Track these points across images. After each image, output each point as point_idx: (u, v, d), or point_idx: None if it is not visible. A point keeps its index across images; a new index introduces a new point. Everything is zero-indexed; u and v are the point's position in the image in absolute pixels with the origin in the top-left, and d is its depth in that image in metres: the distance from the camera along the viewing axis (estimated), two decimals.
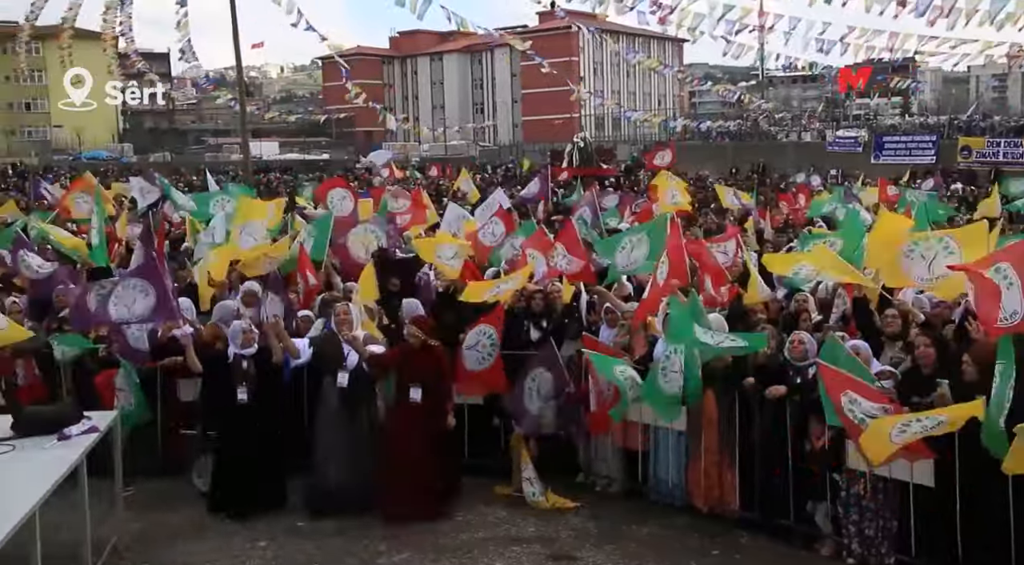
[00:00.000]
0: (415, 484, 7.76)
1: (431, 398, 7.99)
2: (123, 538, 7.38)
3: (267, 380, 8.14)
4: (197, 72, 45.05)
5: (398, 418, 8.09)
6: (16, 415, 6.73)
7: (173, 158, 66.81)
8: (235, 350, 8.13)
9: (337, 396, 8.07)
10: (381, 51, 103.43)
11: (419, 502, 7.77)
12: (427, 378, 7.99)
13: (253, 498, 7.99)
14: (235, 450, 8.03)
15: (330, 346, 8.20)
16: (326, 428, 8.12)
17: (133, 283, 8.35)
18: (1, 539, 4.84)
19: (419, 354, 8.02)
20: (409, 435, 7.86)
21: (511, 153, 66.83)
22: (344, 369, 8.05)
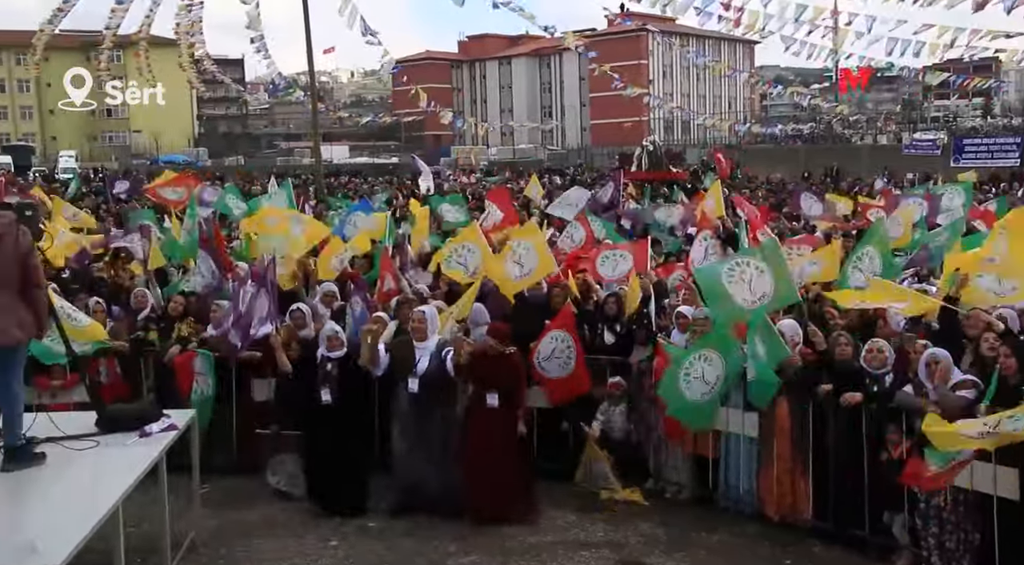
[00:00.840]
0: (497, 486, 7.80)
1: (507, 403, 7.99)
2: (200, 533, 7.52)
3: (350, 383, 8.20)
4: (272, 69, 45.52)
5: (475, 423, 8.07)
6: (100, 412, 6.89)
7: (246, 162, 68.02)
8: (322, 352, 8.26)
9: (408, 401, 8.11)
10: (450, 55, 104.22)
11: (502, 503, 7.83)
12: (504, 384, 7.99)
13: (336, 498, 8.09)
14: (318, 451, 8.17)
15: (403, 351, 8.22)
16: (399, 432, 8.19)
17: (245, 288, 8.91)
18: (88, 531, 4.96)
19: (496, 359, 8.01)
20: (487, 439, 7.89)
21: (579, 157, 66.81)
22: (414, 375, 8.06)
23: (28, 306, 5.86)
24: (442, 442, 8.04)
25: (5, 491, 5.68)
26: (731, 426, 8.09)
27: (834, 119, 51.85)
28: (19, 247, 5.83)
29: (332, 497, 8.12)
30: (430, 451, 8.00)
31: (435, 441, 8.02)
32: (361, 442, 8.31)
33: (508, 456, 7.92)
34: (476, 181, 37.42)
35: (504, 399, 7.97)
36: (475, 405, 8.09)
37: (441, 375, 8.05)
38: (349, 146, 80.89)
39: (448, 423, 8.15)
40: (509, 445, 7.97)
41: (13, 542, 4.84)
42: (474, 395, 8.12)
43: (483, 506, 7.84)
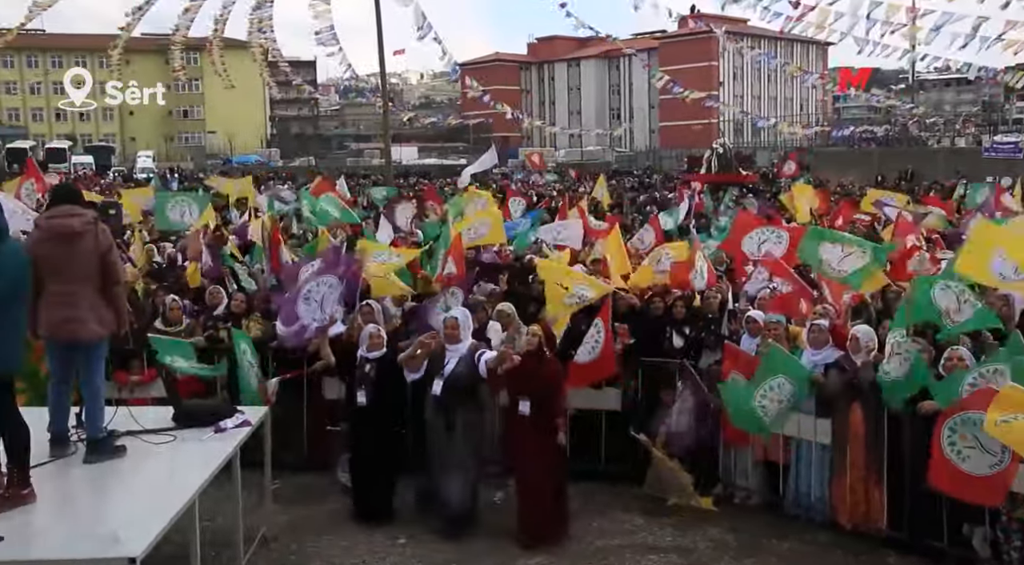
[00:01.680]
0: (528, 502, 7.62)
1: (542, 411, 7.61)
2: (271, 529, 7.65)
3: (388, 385, 8.06)
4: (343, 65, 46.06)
5: (511, 431, 7.86)
6: (177, 407, 7.06)
7: (317, 163, 68.98)
8: (362, 352, 8.19)
9: (432, 405, 7.88)
10: (519, 57, 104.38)
11: (535, 518, 7.59)
12: (538, 390, 7.62)
13: (367, 501, 8.08)
14: (356, 451, 8.19)
15: (436, 354, 8.00)
16: (427, 435, 7.99)
17: (321, 280, 8.83)
18: (167, 523, 5.08)
19: (531, 365, 7.69)
20: (519, 449, 7.69)
21: (647, 159, 66.42)
22: (440, 376, 7.82)
23: (108, 303, 6.03)
24: (463, 448, 7.76)
25: (88, 482, 5.86)
26: (802, 432, 7.96)
27: (910, 121, 50.71)
28: (100, 245, 5.99)
29: (364, 499, 8.09)
30: (451, 457, 7.73)
31: (456, 446, 7.74)
32: (396, 445, 8.15)
33: (542, 468, 7.57)
34: (544, 183, 37.37)
35: (538, 407, 7.60)
36: (510, 411, 7.82)
37: (467, 379, 7.77)
38: (418, 147, 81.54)
39: (472, 428, 7.85)
40: (543, 456, 7.58)
41: (96, 532, 4.99)
42: (510, 400, 7.84)
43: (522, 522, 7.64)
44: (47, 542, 5.07)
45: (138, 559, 4.64)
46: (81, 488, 5.85)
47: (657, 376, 8.84)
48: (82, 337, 5.97)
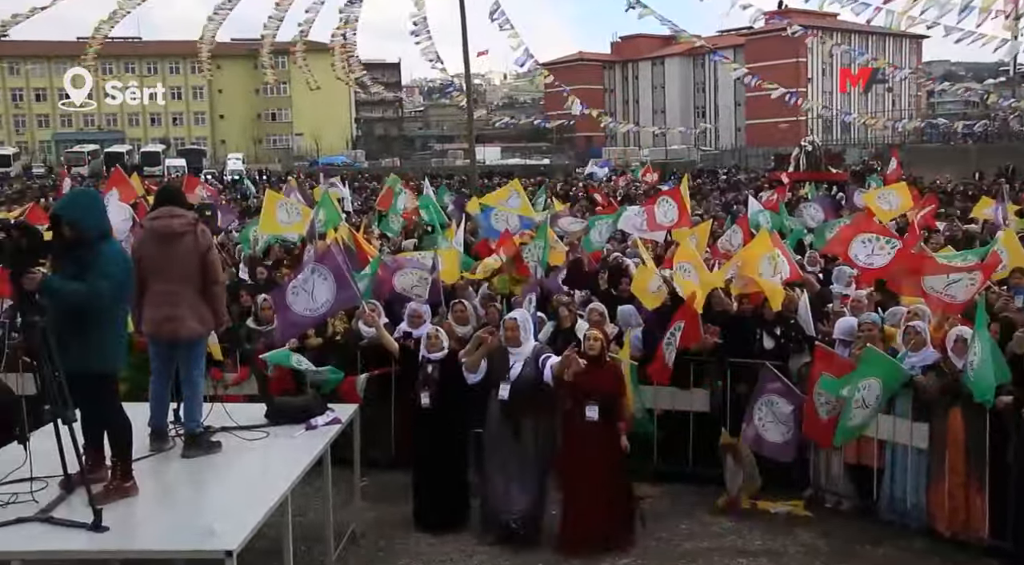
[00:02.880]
0: (591, 511, 7.38)
1: (607, 417, 7.43)
2: (360, 526, 7.74)
3: (451, 386, 7.93)
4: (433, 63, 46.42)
5: (571, 436, 7.56)
6: (269, 404, 7.20)
7: (401, 163, 69.80)
8: (423, 353, 8.09)
9: (498, 409, 7.69)
10: (603, 56, 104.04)
11: (598, 527, 7.40)
12: (604, 395, 7.42)
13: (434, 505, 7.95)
14: (419, 453, 8.11)
15: (498, 357, 7.81)
16: (490, 441, 7.80)
17: (312, 269, 8.84)
18: (261, 517, 5.18)
19: (596, 370, 7.49)
20: (585, 456, 7.41)
21: (733, 157, 65.52)
22: (507, 381, 7.62)
23: (207, 302, 6.18)
24: (531, 455, 7.58)
25: (186, 476, 6.02)
26: (897, 436, 7.73)
27: (1010, 116, 48.84)
28: (199, 245, 6.15)
29: (430, 503, 7.96)
30: (518, 464, 7.56)
31: (523, 453, 7.56)
32: (458, 448, 8.06)
33: (607, 474, 7.41)
34: (628, 183, 37.12)
35: (604, 411, 7.39)
36: (571, 417, 7.51)
37: (535, 383, 7.52)
38: (501, 148, 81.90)
39: (540, 434, 7.64)
40: (609, 462, 7.44)
41: (194, 525, 5.12)
42: (571, 406, 7.51)
43: (576, 529, 7.41)
44: (148, 533, 5.23)
45: (234, 552, 4.73)
46: (179, 481, 6.00)
47: (746, 378, 8.68)
48: (182, 335, 6.14)
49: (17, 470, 5.32)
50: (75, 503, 5.24)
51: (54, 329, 5.15)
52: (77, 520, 5.01)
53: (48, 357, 5.08)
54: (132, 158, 70.75)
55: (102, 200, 6.07)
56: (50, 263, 5.42)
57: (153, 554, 5.18)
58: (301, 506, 7.06)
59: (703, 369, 8.84)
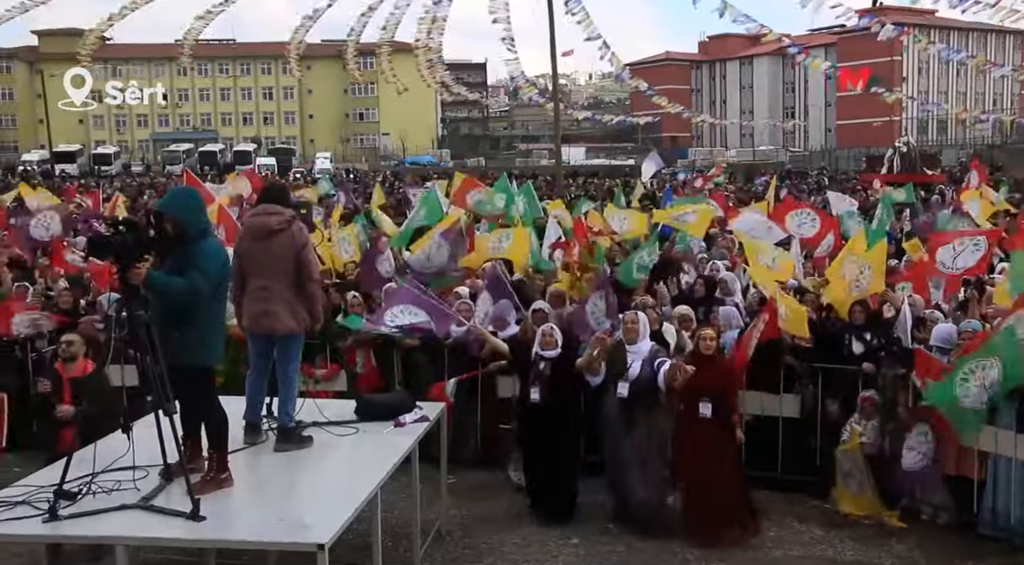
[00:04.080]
0: (712, 503, 7.46)
1: (721, 412, 7.61)
2: (446, 523, 7.79)
3: (562, 383, 8.04)
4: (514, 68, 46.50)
5: (687, 433, 7.69)
6: (359, 401, 7.29)
7: (486, 163, 70.14)
8: (536, 350, 8.18)
9: (617, 406, 7.84)
10: (690, 56, 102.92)
11: (718, 522, 7.47)
12: (717, 391, 7.59)
13: (545, 499, 8.09)
14: (532, 449, 8.19)
15: (616, 354, 7.97)
16: (610, 438, 7.96)
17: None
18: (352, 512, 5.25)
19: (708, 366, 7.64)
20: (701, 452, 7.51)
21: (822, 158, 64.20)
22: (625, 379, 7.78)
23: (303, 299, 6.27)
24: (651, 450, 7.72)
25: (278, 469, 6.12)
26: (1000, 448, 7.46)
27: None
28: (295, 242, 6.25)
29: (542, 498, 8.09)
30: (638, 461, 7.69)
31: (644, 449, 7.71)
32: (569, 444, 8.13)
33: (724, 469, 7.53)
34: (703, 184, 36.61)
35: (716, 408, 7.54)
36: (686, 414, 7.69)
37: (651, 381, 7.74)
38: (586, 148, 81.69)
39: (659, 431, 7.80)
40: (725, 457, 7.58)
41: (287, 517, 5.21)
42: (685, 403, 7.71)
43: (697, 525, 7.53)
44: (243, 525, 5.34)
45: (326, 545, 4.79)
46: (272, 474, 6.10)
47: (837, 383, 8.51)
48: (277, 330, 6.25)
49: (121, 458, 5.47)
50: (174, 492, 5.38)
51: (156, 322, 5.31)
52: (176, 509, 5.14)
53: (151, 349, 5.23)
54: (225, 157, 72.72)
55: (201, 197, 6.22)
56: (153, 258, 5.57)
57: (248, 545, 5.31)
58: (387, 502, 7.10)
59: (793, 374, 8.68)
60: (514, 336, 9.15)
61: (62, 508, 5.12)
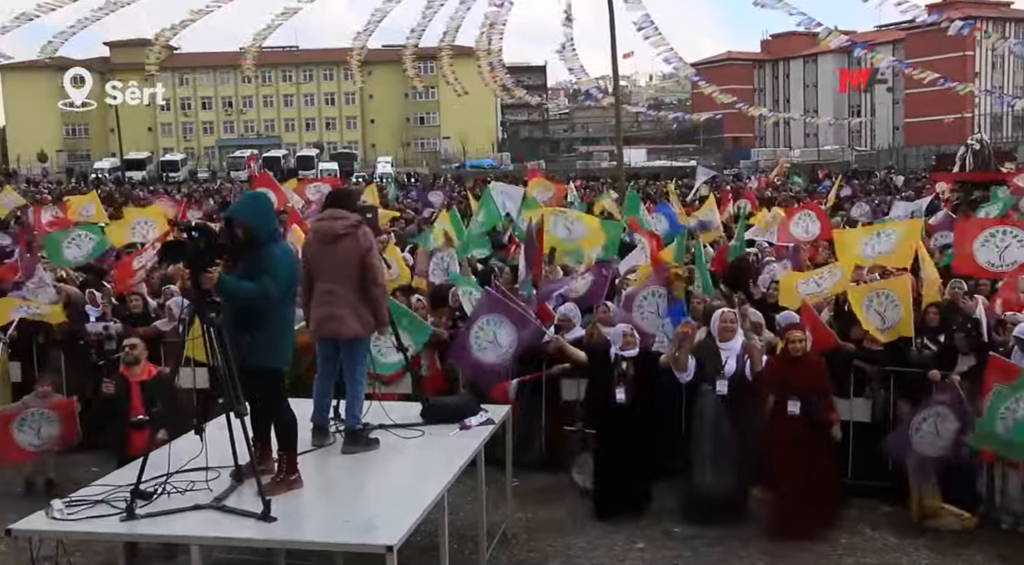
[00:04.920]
0: (801, 501, 7.44)
1: (811, 411, 7.59)
2: (511, 526, 7.79)
3: (647, 383, 8.12)
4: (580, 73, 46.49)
5: (777, 432, 7.73)
6: (425, 404, 7.33)
7: (547, 165, 70.12)
8: (616, 351, 8.19)
9: (714, 404, 7.88)
10: (752, 55, 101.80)
11: (806, 519, 7.47)
12: (806, 390, 7.61)
13: (624, 499, 8.08)
14: (611, 450, 8.15)
15: (708, 352, 8.04)
16: (702, 436, 7.95)
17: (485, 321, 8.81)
18: (420, 514, 5.29)
19: (797, 365, 7.68)
20: (790, 450, 7.51)
21: (890, 157, 62.99)
22: (723, 377, 7.85)
23: (368, 302, 6.33)
24: (743, 449, 7.76)
25: (346, 471, 6.18)
26: None
27: None
28: (359, 247, 6.30)
29: (615, 499, 8.07)
30: (731, 459, 7.74)
31: (737, 448, 7.76)
32: (651, 445, 8.14)
33: (812, 467, 7.50)
34: (781, 184, 36.17)
35: (808, 406, 7.57)
36: (777, 412, 7.75)
37: (746, 376, 7.84)
38: (646, 149, 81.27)
39: (754, 429, 7.86)
40: (815, 455, 7.56)
41: (355, 519, 5.26)
42: (775, 401, 7.79)
43: (785, 521, 7.51)
44: (313, 526, 5.40)
45: (395, 547, 4.83)
46: (340, 476, 6.16)
47: (905, 387, 8.33)
48: (343, 334, 6.32)
49: (194, 459, 5.58)
50: (245, 493, 5.47)
51: (227, 326, 5.40)
52: (248, 510, 5.22)
53: (222, 352, 5.32)
54: (288, 162, 73.85)
55: (272, 203, 6.31)
56: (224, 262, 5.67)
57: (318, 546, 5.38)
58: (453, 505, 7.11)
59: (864, 377, 8.53)
60: (581, 338, 9.13)
61: (139, 507, 5.24)
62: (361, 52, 45.94)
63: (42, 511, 5.36)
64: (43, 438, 8.56)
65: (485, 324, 8.79)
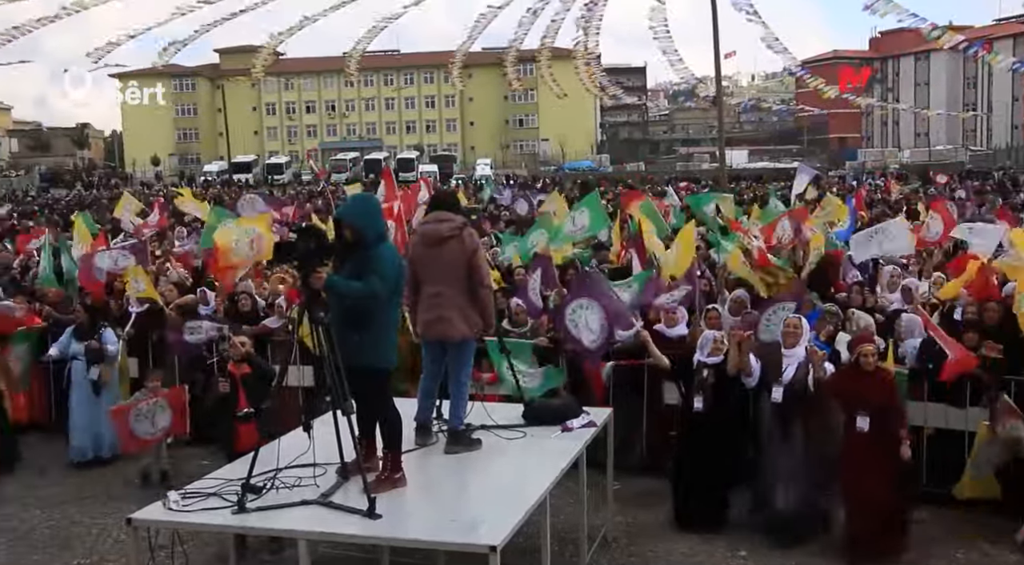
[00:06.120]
0: (873, 518, 7.13)
1: (881, 426, 7.20)
2: (611, 530, 7.75)
3: (728, 391, 7.89)
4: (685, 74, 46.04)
5: (846, 446, 7.37)
6: (526, 406, 7.33)
7: (646, 167, 69.63)
8: (699, 357, 8.02)
9: (771, 411, 7.66)
10: (860, 53, 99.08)
11: (878, 537, 7.14)
12: (875, 404, 7.19)
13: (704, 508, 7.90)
14: (691, 458, 8.01)
15: (770, 358, 7.77)
16: (764, 443, 7.78)
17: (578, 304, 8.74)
18: (523, 515, 5.31)
19: (868, 378, 7.27)
20: (860, 465, 7.19)
21: (1007, 157, 60.55)
22: (779, 384, 7.57)
23: (475, 304, 6.37)
24: (804, 459, 7.47)
25: (449, 471, 6.24)
26: None
27: None
28: (465, 249, 6.34)
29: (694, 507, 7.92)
30: (791, 468, 7.47)
31: (796, 457, 7.48)
32: (729, 453, 7.92)
33: (879, 485, 7.13)
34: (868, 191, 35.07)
35: (877, 422, 7.17)
36: (847, 426, 7.36)
37: (807, 386, 7.52)
38: (748, 150, 79.93)
39: (814, 439, 7.52)
40: (882, 473, 7.17)
41: (459, 518, 5.30)
42: (844, 415, 7.40)
43: (857, 538, 7.21)
44: (416, 524, 5.45)
45: (498, 548, 4.84)
46: (443, 476, 6.20)
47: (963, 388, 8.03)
48: (450, 336, 6.37)
49: (301, 455, 5.70)
50: (351, 490, 5.55)
51: (335, 325, 5.49)
52: (354, 506, 5.31)
53: (330, 351, 5.41)
54: (389, 164, 75.02)
55: (379, 204, 6.40)
56: (332, 263, 5.78)
57: (421, 544, 5.43)
58: (553, 507, 7.09)
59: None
60: (684, 336, 9.05)
61: (249, 501, 5.38)
62: (461, 61, 46.36)
63: (159, 502, 5.56)
64: (157, 427, 8.91)
65: (578, 307, 8.74)
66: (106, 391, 9.98)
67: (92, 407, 9.90)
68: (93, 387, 9.92)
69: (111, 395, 9.96)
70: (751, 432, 8.10)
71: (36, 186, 68.97)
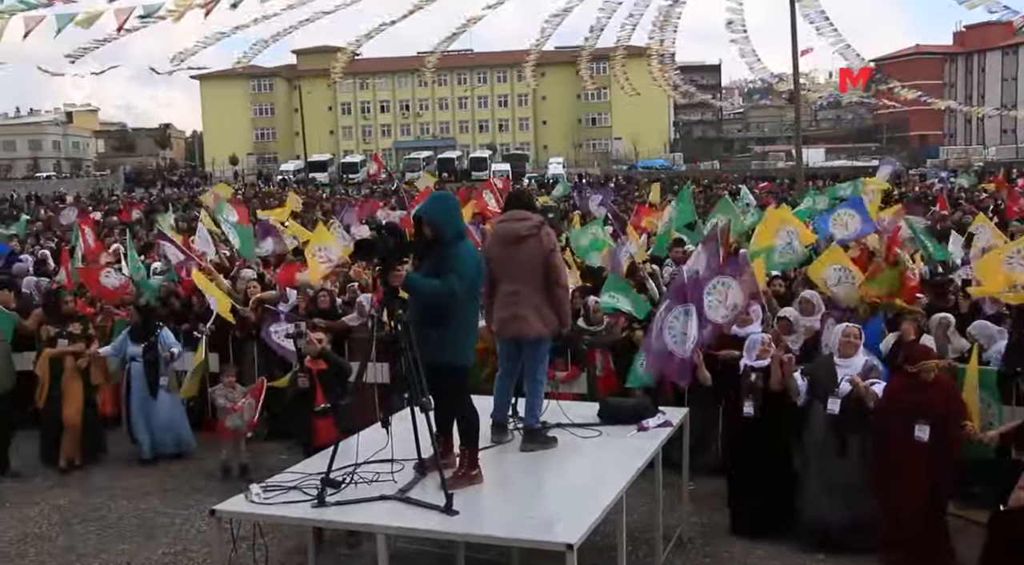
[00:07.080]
0: (918, 529, 6.92)
1: (939, 436, 6.95)
2: (686, 530, 7.71)
3: (777, 396, 7.69)
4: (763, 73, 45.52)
5: (901, 457, 7.05)
6: (602, 404, 7.33)
7: (721, 166, 68.83)
8: (747, 361, 7.89)
9: (825, 423, 7.39)
10: (943, 48, 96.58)
11: (922, 549, 6.92)
12: (936, 414, 6.95)
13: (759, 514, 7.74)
14: (742, 464, 7.88)
15: (823, 369, 7.58)
16: (812, 456, 7.53)
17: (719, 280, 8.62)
18: (599, 514, 5.30)
19: (930, 389, 7.01)
20: (914, 477, 6.92)
21: None
22: (836, 396, 7.33)
23: (551, 303, 6.38)
24: (857, 471, 7.26)
25: (525, 468, 6.26)
26: None
27: None
28: (542, 247, 6.35)
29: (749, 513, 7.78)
30: (843, 480, 7.27)
31: (850, 470, 7.26)
32: (780, 460, 7.72)
33: (935, 497, 6.97)
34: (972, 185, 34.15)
35: (936, 431, 6.92)
36: (900, 435, 7.05)
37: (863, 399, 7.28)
38: (825, 148, 78.49)
39: (867, 448, 7.29)
40: (938, 484, 6.97)
41: (535, 516, 5.31)
42: (901, 423, 7.05)
43: (899, 551, 7.00)
44: (493, 521, 5.47)
45: (575, 546, 4.84)
46: (518, 473, 6.23)
47: None
48: (526, 334, 6.39)
49: (380, 451, 5.78)
50: (428, 486, 5.61)
51: (414, 322, 5.55)
52: (431, 502, 5.36)
53: (409, 348, 5.47)
54: (462, 163, 75.52)
55: (458, 203, 6.45)
56: (412, 261, 5.84)
57: (498, 541, 5.46)
58: (628, 506, 7.05)
59: None
60: None
61: (328, 495, 5.47)
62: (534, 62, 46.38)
63: (241, 495, 5.69)
64: (244, 421, 9.37)
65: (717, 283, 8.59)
66: (164, 392, 10.15)
67: (149, 408, 10.10)
68: (150, 388, 10.07)
69: (170, 397, 10.22)
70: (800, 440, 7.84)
71: (121, 185, 71.14)
